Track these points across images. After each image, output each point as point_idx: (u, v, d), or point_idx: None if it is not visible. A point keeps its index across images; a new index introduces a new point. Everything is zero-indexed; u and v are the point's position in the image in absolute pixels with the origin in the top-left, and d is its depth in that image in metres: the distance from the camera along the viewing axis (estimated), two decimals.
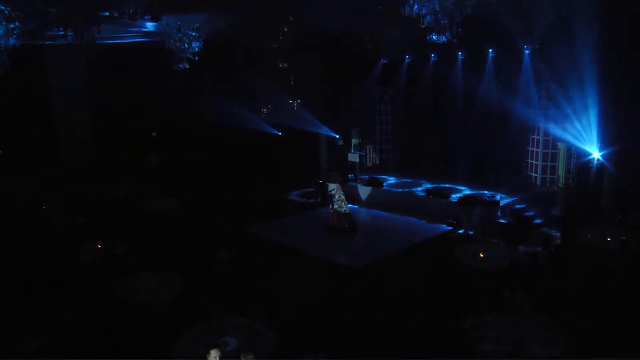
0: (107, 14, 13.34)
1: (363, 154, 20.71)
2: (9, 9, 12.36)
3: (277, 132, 21.85)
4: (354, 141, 20.37)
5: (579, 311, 9.29)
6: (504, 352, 8.28)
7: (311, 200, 19.14)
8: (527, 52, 16.07)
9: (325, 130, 20.80)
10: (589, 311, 9.27)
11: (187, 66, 15.83)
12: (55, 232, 14.30)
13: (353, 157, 19.63)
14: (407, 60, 19.43)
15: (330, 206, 15.68)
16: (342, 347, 8.73)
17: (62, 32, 16.08)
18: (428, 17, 10.28)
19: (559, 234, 14.04)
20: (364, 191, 18.70)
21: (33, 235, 13.90)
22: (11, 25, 12.67)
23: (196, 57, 15.68)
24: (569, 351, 8.20)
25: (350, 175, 19.46)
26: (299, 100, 20.87)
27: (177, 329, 9.15)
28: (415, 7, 10.38)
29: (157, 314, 9.79)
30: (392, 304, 10.44)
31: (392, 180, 19.59)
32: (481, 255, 12.06)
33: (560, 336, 8.57)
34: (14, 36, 12.87)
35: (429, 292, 10.79)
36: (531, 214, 15.70)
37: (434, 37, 10.55)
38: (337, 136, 20.92)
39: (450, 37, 10.46)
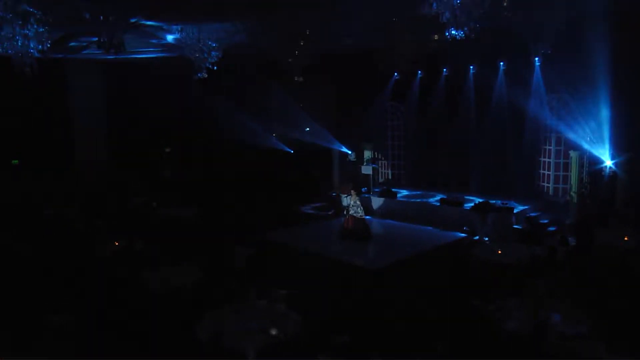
0: (134, 20, 13.81)
1: (377, 166, 20.95)
2: (40, 12, 12.85)
3: (289, 150, 22.25)
4: (366, 155, 20.65)
5: (602, 296, 9.32)
6: (529, 330, 8.29)
7: (325, 213, 19.28)
8: (537, 63, 16.44)
9: (338, 146, 21.12)
10: (612, 297, 9.31)
11: (206, 75, 16.21)
12: (75, 233, 14.46)
13: (366, 169, 19.85)
14: (419, 75, 19.86)
15: (345, 212, 15.84)
16: (366, 331, 8.78)
17: (85, 44, 16.66)
18: (447, 13, 10.63)
19: (574, 239, 14.10)
20: (377, 202, 18.85)
21: (53, 235, 14.09)
22: (40, 29, 13.10)
23: (215, 67, 16.09)
24: (596, 330, 8.20)
25: (363, 189, 19.62)
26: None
27: (199, 312, 9.19)
28: (434, 5, 10.74)
29: (178, 298, 9.87)
30: (413, 295, 10.50)
31: (405, 192, 19.75)
32: (499, 252, 12.12)
33: (586, 317, 8.56)
34: (43, 41, 13.30)
35: (449, 283, 10.88)
36: (545, 221, 15.78)
37: (452, 31, 10.85)
38: (350, 152, 21.22)
39: (468, 32, 10.78)
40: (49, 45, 13.50)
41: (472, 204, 16.61)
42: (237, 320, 8.71)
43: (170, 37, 16.47)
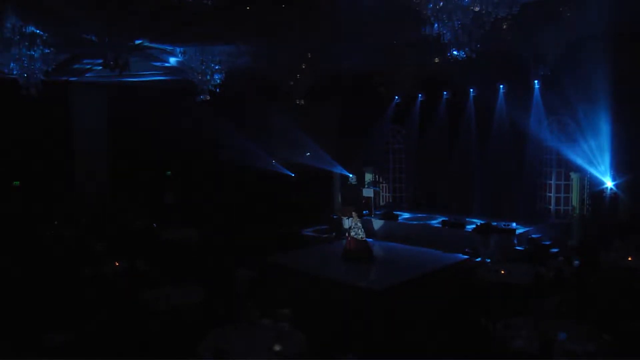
0: (139, 41, 13.95)
1: (378, 189, 20.96)
2: (47, 34, 12.99)
3: (290, 173, 22.28)
4: (367, 178, 20.67)
5: (610, 314, 9.23)
6: (536, 348, 8.17)
7: (326, 236, 19.19)
8: (537, 86, 16.61)
9: (339, 169, 21.15)
10: (620, 315, 9.23)
11: (208, 98, 16.26)
12: (76, 254, 14.36)
13: (368, 192, 19.84)
14: (420, 99, 20.02)
15: (347, 234, 15.77)
16: (371, 350, 8.69)
17: (88, 66, 16.82)
18: (448, 34, 10.76)
19: (578, 261, 14.02)
20: (379, 225, 18.78)
21: (51, 256, 14.04)
22: (46, 50, 13.21)
23: (217, 90, 16.16)
24: (604, 348, 8.09)
25: (365, 212, 19.57)
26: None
27: (202, 330, 9.08)
28: (435, 26, 10.86)
29: (180, 317, 9.76)
30: (419, 314, 10.47)
31: (406, 215, 19.70)
32: (502, 273, 12.01)
33: (595, 334, 8.45)
34: (48, 63, 13.39)
35: (453, 303, 10.81)
36: (548, 243, 15.72)
37: (454, 52, 10.97)
38: (351, 175, 21.23)
39: (469, 52, 10.89)
40: (53, 67, 13.63)
41: (474, 226, 16.57)
42: (241, 337, 8.59)
43: (173, 60, 16.61)
